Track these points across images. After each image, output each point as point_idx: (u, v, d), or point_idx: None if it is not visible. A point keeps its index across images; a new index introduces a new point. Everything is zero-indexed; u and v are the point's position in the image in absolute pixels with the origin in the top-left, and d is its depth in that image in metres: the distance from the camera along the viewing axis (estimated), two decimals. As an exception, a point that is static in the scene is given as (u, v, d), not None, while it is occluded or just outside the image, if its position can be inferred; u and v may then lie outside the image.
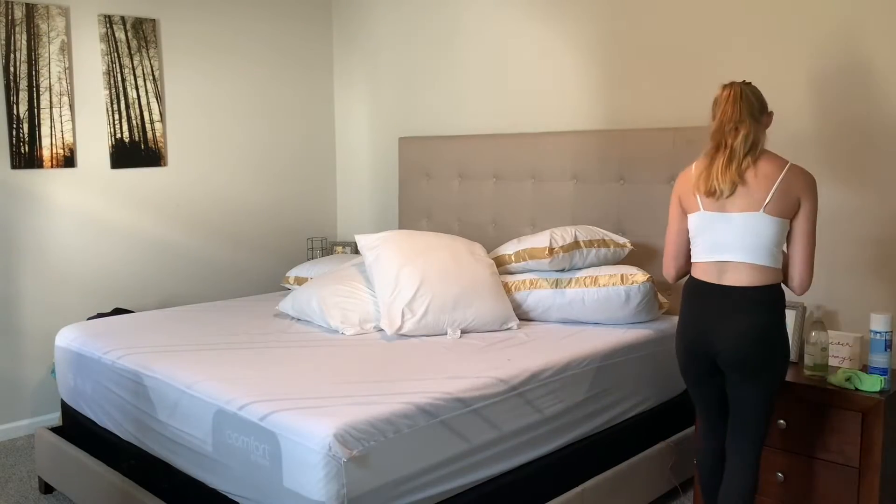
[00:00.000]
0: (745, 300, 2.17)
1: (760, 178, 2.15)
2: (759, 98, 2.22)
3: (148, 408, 2.60)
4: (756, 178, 2.16)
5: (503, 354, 2.72)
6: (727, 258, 2.19)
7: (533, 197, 3.83)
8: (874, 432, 2.46)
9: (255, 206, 4.67)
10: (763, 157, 2.19)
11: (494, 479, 2.41)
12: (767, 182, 2.14)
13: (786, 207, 2.14)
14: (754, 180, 2.16)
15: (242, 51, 4.54)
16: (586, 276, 3.12)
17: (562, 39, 3.77)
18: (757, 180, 2.15)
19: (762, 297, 2.16)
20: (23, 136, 3.73)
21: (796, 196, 2.14)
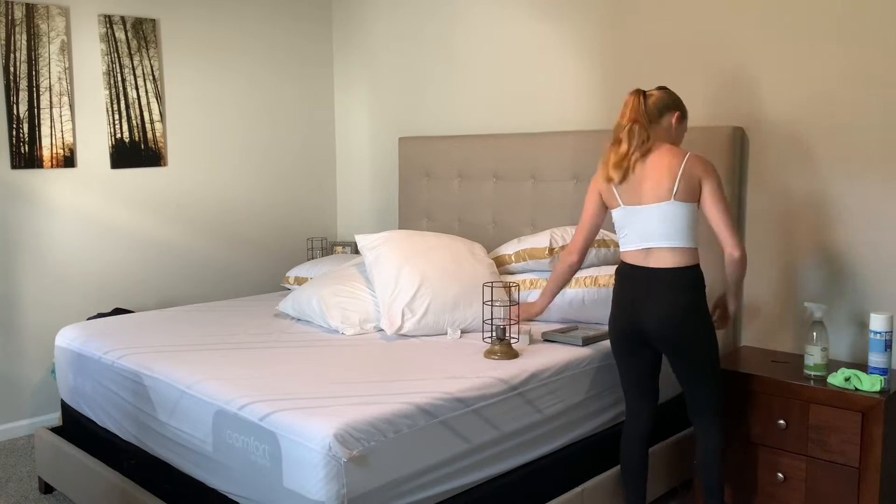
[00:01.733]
0: (667, 280, 2.42)
1: (665, 170, 2.41)
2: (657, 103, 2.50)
3: (148, 408, 2.60)
4: (660, 170, 2.42)
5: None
6: (651, 245, 2.44)
7: (533, 197, 3.83)
8: (874, 432, 2.46)
9: (255, 206, 4.67)
10: (665, 150, 2.45)
11: (494, 479, 2.41)
12: (671, 173, 2.41)
13: (691, 192, 2.41)
14: (662, 173, 2.41)
15: (242, 51, 4.54)
16: (586, 276, 3.12)
17: (562, 39, 3.77)
18: (661, 172, 2.41)
19: (682, 278, 2.41)
20: (23, 136, 3.73)
21: (697, 179, 2.41)
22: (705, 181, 2.41)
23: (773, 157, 3.09)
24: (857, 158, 2.88)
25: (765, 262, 3.13)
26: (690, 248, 2.43)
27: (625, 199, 2.49)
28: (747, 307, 3.19)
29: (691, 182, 2.40)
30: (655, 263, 2.44)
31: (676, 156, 2.43)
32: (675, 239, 2.41)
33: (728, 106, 3.20)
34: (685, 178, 2.39)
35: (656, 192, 2.42)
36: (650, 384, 2.59)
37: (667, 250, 2.42)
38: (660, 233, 2.42)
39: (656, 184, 2.42)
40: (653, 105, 2.50)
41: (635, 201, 2.46)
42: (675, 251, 2.42)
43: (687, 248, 2.42)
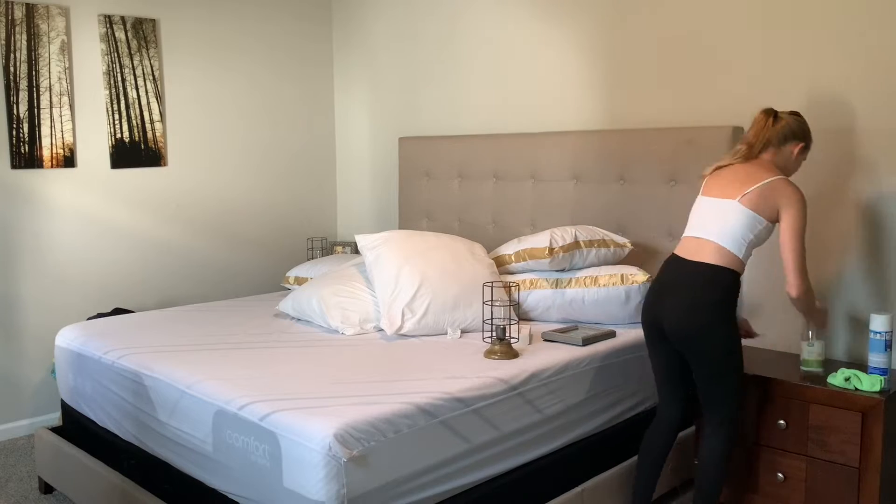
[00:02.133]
0: (695, 273, 2.43)
1: (749, 178, 2.44)
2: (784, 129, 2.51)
3: (148, 408, 2.60)
4: (746, 177, 2.45)
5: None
6: (699, 235, 2.48)
7: (533, 197, 3.83)
8: (874, 432, 2.46)
9: (255, 206, 4.67)
10: (761, 163, 2.49)
11: (494, 479, 2.41)
12: (752, 180, 2.43)
13: (761, 206, 2.41)
14: (744, 179, 2.44)
15: (242, 51, 4.54)
16: (586, 276, 3.12)
17: (562, 39, 3.77)
18: (746, 179, 2.44)
19: (710, 274, 2.41)
20: (23, 136, 3.73)
21: (774, 202, 2.40)
22: (784, 210, 2.40)
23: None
24: (857, 158, 2.88)
25: (764, 261, 3.13)
26: (735, 254, 2.42)
27: (705, 190, 2.55)
28: (747, 306, 3.19)
29: (767, 199, 2.40)
30: (694, 256, 2.45)
31: (767, 171, 2.45)
32: (723, 238, 2.42)
33: (728, 106, 3.20)
34: (762, 191, 2.40)
35: (727, 190, 2.46)
36: (679, 374, 2.59)
37: (711, 245, 2.43)
38: (712, 227, 2.45)
39: (731, 183, 2.46)
40: (779, 130, 2.51)
41: (707, 192, 2.52)
42: (718, 249, 2.42)
43: (731, 252, 2.42)
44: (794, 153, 2.53)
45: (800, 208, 2.39)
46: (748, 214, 2.40)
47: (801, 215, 2.39)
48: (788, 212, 2.39)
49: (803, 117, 2.56)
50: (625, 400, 2.89)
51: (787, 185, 2.41)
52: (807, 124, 2.55)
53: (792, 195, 2.40)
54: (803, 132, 2.54)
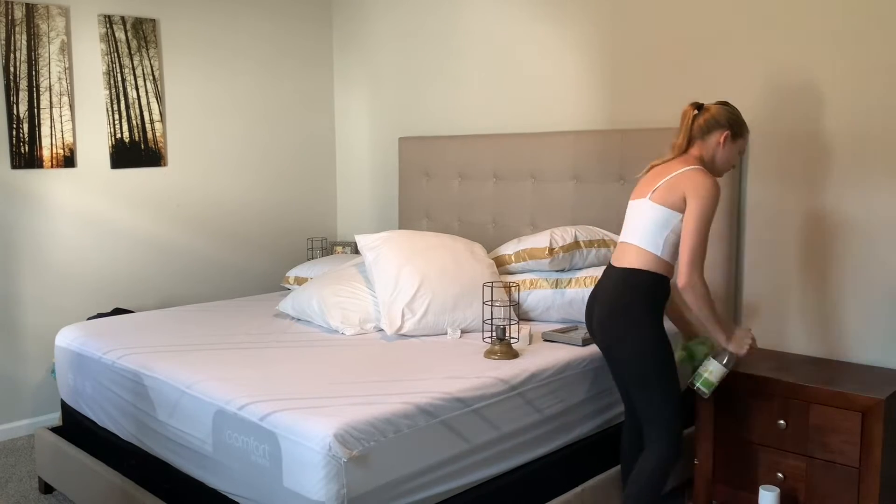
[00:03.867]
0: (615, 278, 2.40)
1: (662, 173, 2.39)
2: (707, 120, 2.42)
3: (148, 408, 2.60)
4: (660, 174, 2.40)
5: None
6: (623, 238, 2.45)
7: (533, 197, 3.83)
8: (874, 432, 2.46)
9: (255, 206, 4.67)
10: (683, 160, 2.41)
11: (494, 479, 2.41)
12: (664, 176, 2.37)
13: (669, 199, 2.33)
14: (658, 175, 2.40)
15: (242, 50, 4.54)
16: (586, 276, 3.12)
17: (562, 39, 3.77)
18: (659, 175, 2.39)
19: (629, 278, 2.36)
20: (23, 136, 3.73)
21: (681, 192, 2.31)
22: (689, 199, 2.30)
23: (772, 156, 3.09)
24: (858, 158, 2.88)
25: (764, 260, 3.13)
26: (652, 253, 2.35)
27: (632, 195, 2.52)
28: (746, 306, 3.19)
29: (674, 191, 2.32)
30: (617, 261, 2.43)
31: (682, 164, 2.38)
32: (640, 239, 2.37)
33: (728, 106, 3.20)
34: (670, 184, 2.34)
35: (642, 189, 2.43)
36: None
37: (630, 248, 2.39)
38: (631, 229, 2.41)
39: (647, 182, 2.43)
40: (702, 122, 2.42)
41: (633, 196, 2.49)
42: (636, 251, 2.37)
43: (648, 251, 2.35)
44: (719, 143, 2.41)
45: (706, 198, 2.28)
46: (659, 210, 2.33)
47: (706, 205, 2.28)
48: (692, 202, 2.28)
49: (731, 106, 2.45)
50: (625, 400, 2.89)
51: (695, 175, 2.31)
52: (734, 113, 2.43)
53: (699, 185, 2.29)
54: (728, 120, 2.41)
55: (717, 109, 2.43)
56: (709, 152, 2.43)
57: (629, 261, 2.38)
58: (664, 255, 2.35)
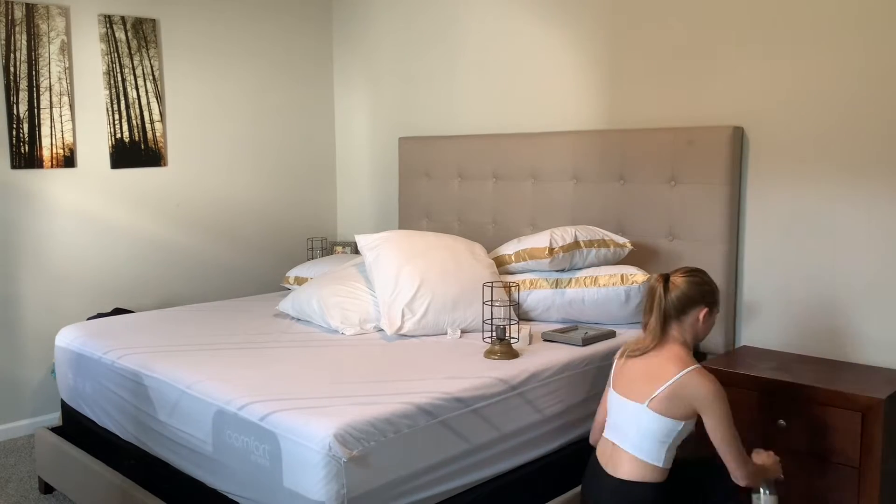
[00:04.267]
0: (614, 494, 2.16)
1: (657, 374, 2.14)
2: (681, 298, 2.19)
3: (148, 408, 2.60)
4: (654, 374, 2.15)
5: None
6: (616, 441, 2.20)
7: (533, 197, 3.83)
8: (874, 432, 2.46)
9: (255, 206, 4.67)
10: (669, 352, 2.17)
11: (494, 479, 2.41)
12: (660, 380, 2.13)
13: (673, 409, 2.11)
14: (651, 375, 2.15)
15: (242, 51, 4.54)
16: (586, 276, 3.12)
17: (562, 39, 3.77)
18: (653, 376, 2.15)
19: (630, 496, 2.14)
20: (23, 136, 3.73)
21: (688, 402, 2.10)
22: (703, 412, 2.09)
23: (773, 157, 3.09)
24: (858, 158, 2.88)
25: (764, 261, 3.13)
26: (653, 465, 2.13)
27: (616, 383, 2.26)
28: (746, 306, 3.19)
29: (679, 400, 2.10)
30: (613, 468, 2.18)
31: (674, 362, 2.14)
32: (639, 449, 2.14)
33: (728, 106, 3.20)
34: (671, 393, 2.10)
35: (634, 389, 2.17)
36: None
37: (626, 456, 2.16)
38: (626, 433, 2.17)
39: (639, 380, 2.17)
40: (673, 301, 2.18)
41: (620, 390, 2.23)
42: (634, 462, 2.15)
43: (648, 463, 2.13)
44: (699, 320, 2.20)
45: (719, 404, 2.08)
46: (661, 421, 2.10)
47: (722, 410, 2.08)
48: (708, 413, 2.08)
49: (701, 274, 2.23)
50: None
51: (697, 382, 2.09)
52: (706, 283, 2.22)
53: (706, 394, 2.08)
54: (702, 294, 2.20)
55: (686, 284, 2.20)
56: (688, 331, 2.21)
57: (626, 471, 2.15)
58: (665, 462, 2.15)
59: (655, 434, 2.12)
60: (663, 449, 2.13)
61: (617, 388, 2.24)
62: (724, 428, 2.09)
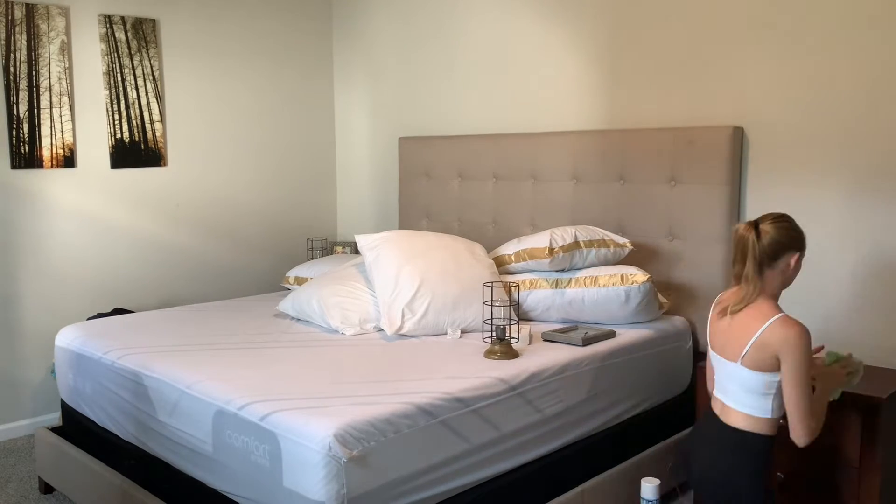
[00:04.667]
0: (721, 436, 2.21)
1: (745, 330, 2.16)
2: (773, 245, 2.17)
3: (148, 408, 2.60)
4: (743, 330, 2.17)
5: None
6: (722, 398, 2.25)
7: (533, 197, 3.83)
8: (874, 432, 2.46)
9: (255, 206, 4.67)
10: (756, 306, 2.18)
11: (494, 479, 2.41)
12: (748, 335, 2.15)
13: (764, 363, 2.13)
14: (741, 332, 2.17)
15: (242, 51, 4.54)
16: (586, 276, 3.12)
17: (562, 39, 3.77)
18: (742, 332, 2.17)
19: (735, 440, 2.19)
20: (23, 136, 3.73)
21: (774, 352, 2.11)
22: (783, 358, 2.10)
23: (773, 157, 3.09)
24: (858, 158, 2.88)
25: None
26: (756, 416, 2.17)
27: (713, 342, 2.29)
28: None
29: (766, 353, 2.11)
30: (726, 419, 2.22)
31: (760, 317, 2.15)
32: (743, 405, 2.18)
33: (728, 106, 3.20)
34: (758, 347, 2.12)
35: (728, 349, 2.21)
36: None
37: (735, 411, 2.20)
38: (729, 391, 2.22)
39: (732, 339, 2.19)
40: (766, 247, 2.16)
41: (717, 349, 2.26)
42: (743, 415, 2.18)
43: (755, 417, 2.17)
44: (790, 265, 2.19)
45: (800, 352, 2.09)
46: (756, 376, 2.14)
47: (803, 360, 2.09)
48: (787, 360, 2.09)
49: (789, 220, 2.21)
50: (625, 400, 2.89)
51: (781, 330, 2.11)
52: (795, 229, 2.21)
53: (788, 340, 2.09)
54: (793, 239, 2.19)
55: (778, 230, 2.18)
56: (779, 277, 2.21)
57: (738, 422, 2.19)
58: (774, 412, 2.18)
59: (756, 389, 2.15)
60: (768, 400, 2.16)
61: (714, 347, 2.27)
62: (799, 379, 2.08)
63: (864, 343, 2.91)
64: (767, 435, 2.19)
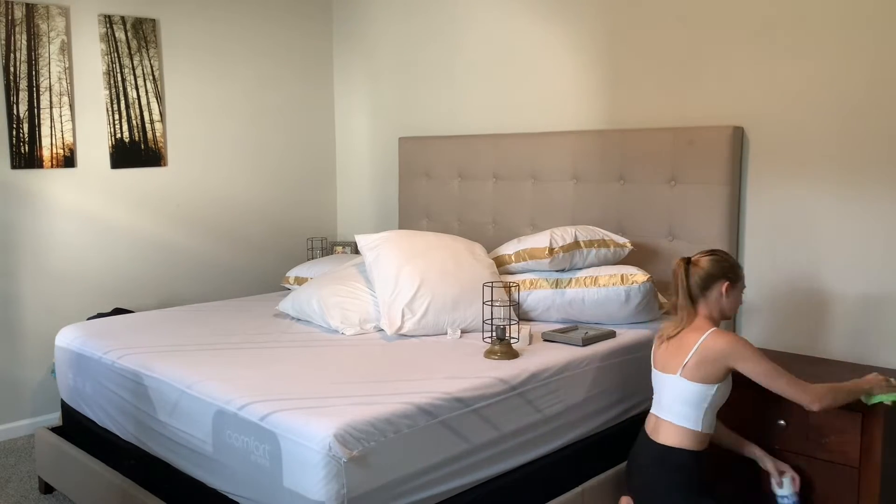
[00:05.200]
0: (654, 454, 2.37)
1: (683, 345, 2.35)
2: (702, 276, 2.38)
3: (148, 408, 2.60)
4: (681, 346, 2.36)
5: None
6: (658, 413, 2.41)
7: (533, 197, 3.83)
8: (874, 432, 2.46)
9: (255, 206, 4.67)
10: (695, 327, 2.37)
11: (494, 479, 2.41)
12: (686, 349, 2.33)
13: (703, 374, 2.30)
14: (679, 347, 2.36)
15: (242, 51, 4.54)
16: (586, 276, 3.12)
17: (562, 39, 3.77)
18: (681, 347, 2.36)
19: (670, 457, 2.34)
20: (23, 136, 3.73)
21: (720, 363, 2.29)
22: (738, 364, 2.28)
23: (773, 157, 3.09)
24: (858, 158, 2.88)
25: (765, 261, 3.13)
26: (686, 428, 2.33)
27: (655, 362, 2.46)
28: (746, 306, 3.19)
29: (707, 364, 2.29)
30: (655, 436, 2.39)
31: (695, 333, 2.34)
32: (677, 416, 2.34)
33: (728, 106, 3.20)
34: (698, 358, 2.30)
35: (671, 364, 2.37)
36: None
37: (665, 425, 2.36)
38: (665, 403, 2.38)
39: (673, 356, 2.37)
40: (696, 279, 2.37)
41: (659, 367, 2.43)
42: (673, 429, 2.34)
43: (688, 428, 2.33)
44: (721, 294, 2.37)
45: (743, 349, 2.28)
46: (693, 387, 2.30)
47: (750, 352, 2.28)
48: (739, 362, 2.28)
49: (722, 253, 2.42)
50: (625, 400, 2.89)
51: (715, 340, 2.29)
52: (726, 260, 2.40)
53: (726, 346, 2.28)
54: (722, 270, 2.38)
55: (707, 262, 2.39)
56: (714, 306, 2.39)
57: (667, 437, 2.35)
58: (704, 430, 2.34)
59: (690, 399, 2.31)
60: (700, 413, 2.32)
61: (656, 366, 2.45)
62: (763, 365, 2.28)
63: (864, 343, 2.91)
64: (695, 451, 2.33)
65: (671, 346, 2.39)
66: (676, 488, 2.34)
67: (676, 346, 2.37)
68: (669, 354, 2.39)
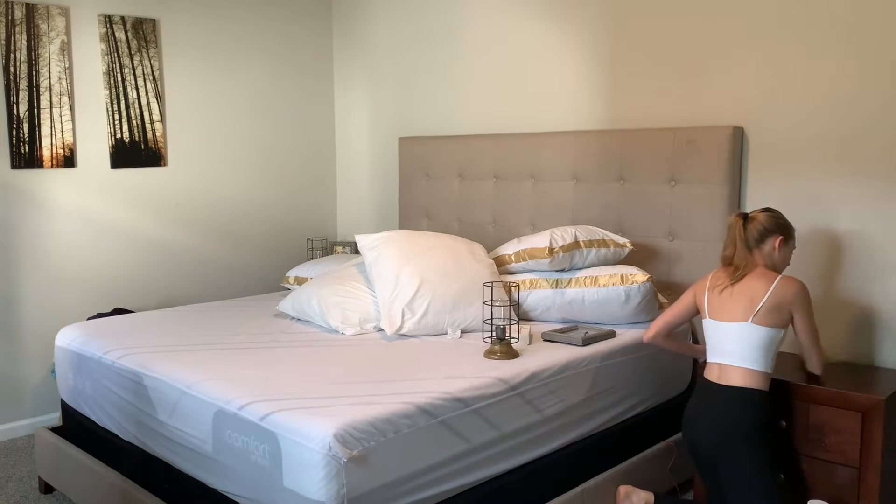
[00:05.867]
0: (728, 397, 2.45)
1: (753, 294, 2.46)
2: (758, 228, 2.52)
3: (148, 408, 2.60)
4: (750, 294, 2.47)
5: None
6: (724, 361, 2.49)
7: (533, 197, 3.83)
8: (874, 432, 2.46)
9: (255, 206, 4.67)
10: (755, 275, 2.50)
11: (494, 479, 2.41)
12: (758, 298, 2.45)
13: (774, 319, 2.44)
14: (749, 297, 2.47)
15: (243, 51, 4.54)
16: (586, 276, 3.12)
17: (562, 39, 3.77)
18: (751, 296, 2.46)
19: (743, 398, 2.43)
20: (23, 136, 3.73)
21: (787, 309, 2.45)
22: (797, 310, 2.45)
23: (773, 157, 3.09)
24: (858, 158, 2.88)
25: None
26: (762, 371, 2.44)
27: (711, 312, 2.54)
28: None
29: (779, 310, 2.43)
30: (724, 380, 2.46)
31: (764, 281, 2.46)
32: (744, 359, 2.44)
33: (728, 106, 3.20)
34: (770, 305, 2.42)
35: (736, 313, 2.46)
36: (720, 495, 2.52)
37: (735, 369, 2.45)
38: (732, 352, 2.46)
39: (738, 304, 2.46)
40: (752, 232, 2.52)
41: (717, 317, 2.51)
42: (744, 371, 2.43)
43: (758, 370, 2.43)
44: (775, 248, 2.52)
45: (808, 303, 2.45)
46: (766, 332, 2.42)
47: (811, 310, 2.47)
48: (800, 313, 2.45)
49: (775, 211, 2.55)
50: (625, 400, 2.89)
51: (789, 287, 2.44)
52: (780, 217, 2.54)
53: (797, 295, 2.44)
54: (777, 225, 2.53)
55: (763, 217, 2.53)
56: (767, 258, 2.53)
57: (739, 380, 2.44)
58: (771, 371, 2.48)
59: (761, 344, 2.43)
60: (769, 356, 2.45)
61: (714, 316, 2.52)
62: (812, 323, 2.50)
63: (863, 343, 2.91)
64: (764, 390, 2.45)
65: (734, 295, 2.48)
66: (749, 424, 2.40)
67: (739, 295, 2.47)
68: (733, 304, 2.47)
